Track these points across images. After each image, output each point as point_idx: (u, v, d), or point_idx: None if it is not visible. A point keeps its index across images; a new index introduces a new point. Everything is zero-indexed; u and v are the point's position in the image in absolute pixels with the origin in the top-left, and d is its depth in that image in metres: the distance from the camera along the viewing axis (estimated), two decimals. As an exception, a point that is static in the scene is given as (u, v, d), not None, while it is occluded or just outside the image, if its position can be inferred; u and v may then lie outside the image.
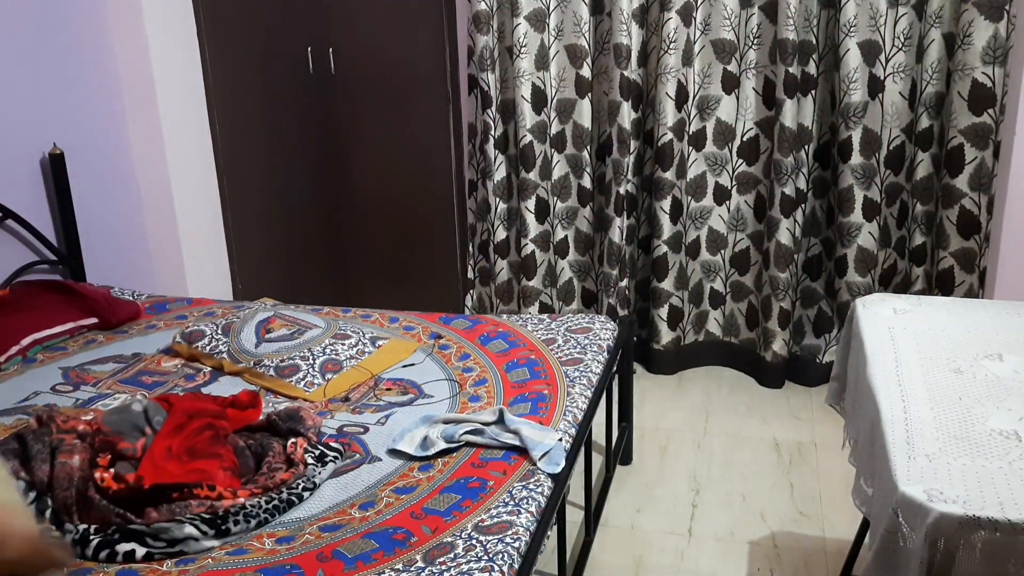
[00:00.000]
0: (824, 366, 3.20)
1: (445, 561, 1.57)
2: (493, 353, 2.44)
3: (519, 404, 2.14)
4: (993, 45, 2.75)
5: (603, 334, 2.52)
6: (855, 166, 2.99)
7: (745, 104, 3.15)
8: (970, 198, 2.90)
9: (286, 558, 1.61)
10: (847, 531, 2.36)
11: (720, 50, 3.10)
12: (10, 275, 2.83)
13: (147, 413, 1.98)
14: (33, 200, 2.91)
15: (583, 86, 3.20)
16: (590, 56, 3.16)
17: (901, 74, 2.90)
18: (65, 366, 2.47)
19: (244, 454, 1.90)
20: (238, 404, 2.09)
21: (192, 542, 1.64)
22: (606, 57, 3.16)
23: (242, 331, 2.46)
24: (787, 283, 3.16)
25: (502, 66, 3.27)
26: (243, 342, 2.42)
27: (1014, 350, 1.75)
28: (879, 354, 1.75)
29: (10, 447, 1.85)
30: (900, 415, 1.51)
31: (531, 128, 3.26)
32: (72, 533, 1.66)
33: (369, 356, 2.41)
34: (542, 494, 1.78)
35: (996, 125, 2.82)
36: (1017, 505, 1.26)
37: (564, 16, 3.17)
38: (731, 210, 3.28)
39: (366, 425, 2.09)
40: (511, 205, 3.40)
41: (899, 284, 3.17)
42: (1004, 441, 1.43)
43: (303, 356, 2.35)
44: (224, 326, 2.50)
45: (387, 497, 1.79)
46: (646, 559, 2.36)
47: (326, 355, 2.37)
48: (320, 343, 2.41)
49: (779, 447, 2.88)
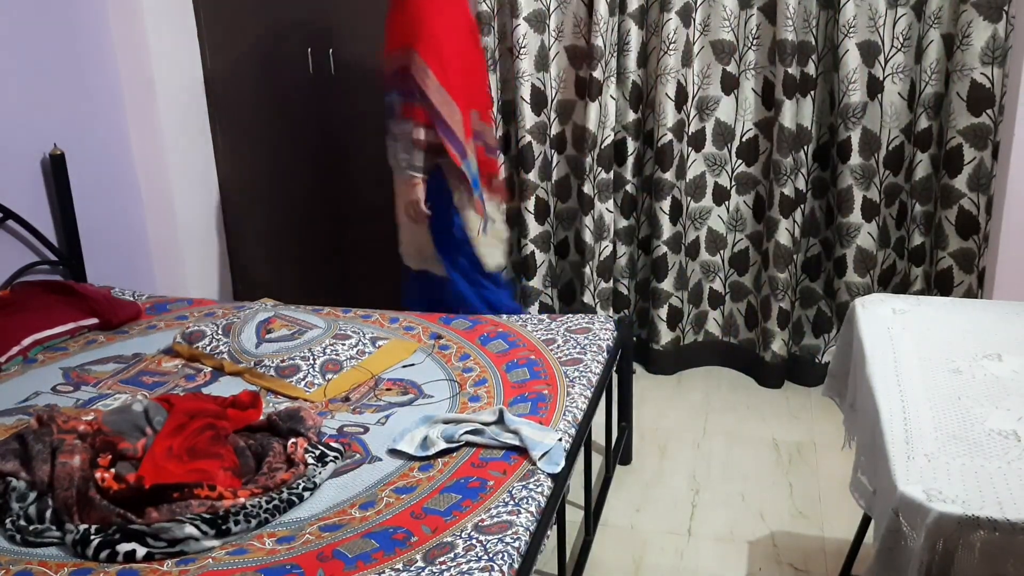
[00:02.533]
0: (823, 366, 3.20)
1: (445, 561, 1.57)
2: (493, 353, 2.45)
3: (519, 404, 2.15)
4: (992, 46, 2.75)
5: (603, 334, 2.52)
6: (854, 166, 2.99)
7: (744, 105, 3.15)
8: (969, 198, 2.90)
9: (286, 558, 1.62)
10: (846, 531, 2.36)
11: (719, 51, 3.10)
12: (11, 275, 2.83)
13: (148, 413, 1.98)
14: (33, 200, 2.91)
15: (583, 87, 3.21)
16: (590, 56, 3.16)
17: (900, 75, 2.91)
18: (66, 366, 2.48)
19: (244, 454, 1.91)
20: (238, 404, 2.09)
21: (192, 542, 1.64)
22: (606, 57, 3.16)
23: (242, 331, 2.46)
24: (786, 283, 3.16)
25: (502, 67, 3.27)
26: (243, 342, 2.42)
27: (1013, 350, 1.76)
28: (878, 354, 1.75)
29: (11, 447, 1.85)
30: (899, 415, 1.51)
31: (531, 129, 3.26)
32: (73, 533, 1.66)
33: (369, 356, 2.42)
34: (542, 494, 1.78)
35: (995, 126, 2.82)
36: (1016, 505, 1.26)
37: (564, 17, 3.18)
38: (730, 210, 3.28)
39: (366, 425, 2.09)
40: (510, 206, 3.41)
41: (898, 284, 3.17)
42: (1003, 441, 1.43)
43: (303, 356, 2.36)
44: (224, 326, 2.50)
45: (387, 497, 1.79)
46: (646, 559, 2.36)
47: (326, 355, 2.37)
48: (320, 343, 2.41)
49: (778, 447, 2.89)
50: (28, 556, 1.66)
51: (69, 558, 1.64)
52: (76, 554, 1.64)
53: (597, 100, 3.11)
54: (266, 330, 2.46)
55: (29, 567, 1.62)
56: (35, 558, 1.65)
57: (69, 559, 1.64)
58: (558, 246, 3.45)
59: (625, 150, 3.25)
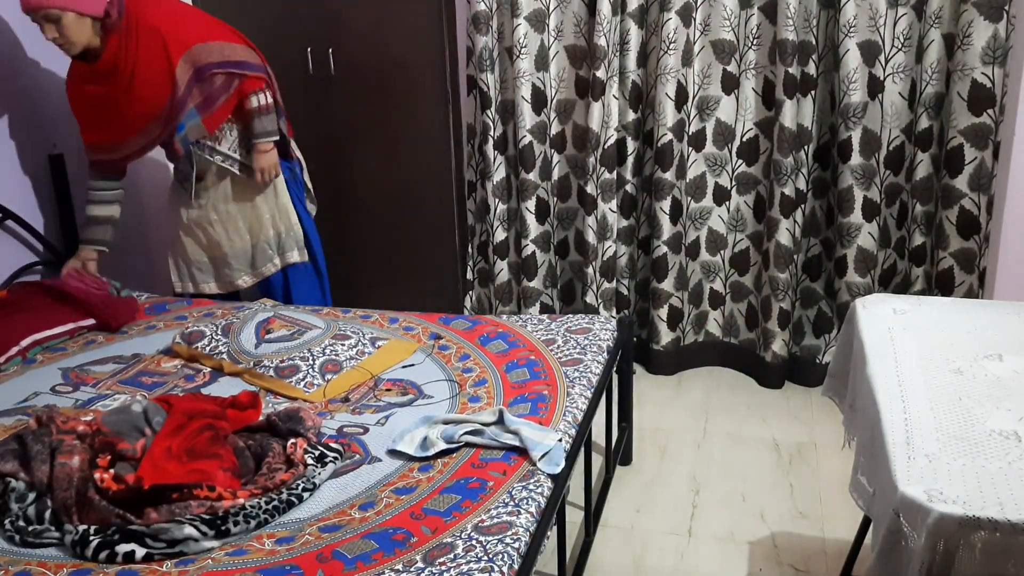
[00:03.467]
0: (824, 366, 3.20)
1: (445, 562, 1.57)
2: (493, 354, 2.44)
3: (519, 404, 2.14)
4: (992, 45, 2.75)
5: (603, 334, 2.52)
6: (855, 166, 2.99)
7: (745, 105, 3.15)
8: (970, 198, 2.90)
9: (286, 558, 1.61)
10: (847, 531, 2.36)
11: (720, 50, 3.10)
12: (10, 275, 2.83)
13: (147, 414, 1.98)
14: (33, 200, 2.91)
15: (583, 87, 3.21)
16: (593, 56, 3.16)
17: (901, 74, 2.90)
18: (65, 367, 2.47)
19: (244, 455, 1.90)
20: (238, 405, 2.09)
21: (192, 543, 1.64)
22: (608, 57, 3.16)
23: (242, 332, 2.46)
24: (787, 283, 3.16)
25: (502, 67, 3.27)
26: (243, 343, 2.42)
27: (1014, 350, 1.75)
28: (879, 355, 1.75)
29: (10, 448, 1.85)
30: (900, 416, 1.51)
31: (531, 129, 3.26)
32: (72, 534, 1.66)
33: (369, 357, 2.41)
34: (542, 494, 1.78)
35: (996, 125, 2.82)
36: (1017, 505, 1.26)
37: (564, 16, 3.17)
38: (731, 210, 3.28)
39: (366, 426, 2.09)
40: (510, 206, 3.41)
41: (899, 284, 3.17)
42: (1004, 441, 1.43)
43: (303, 357, 2.35)
44: (224, 327, 2.50)
45: (387, 498, 1.79)
46: (646, 559, 2.36)
47: (326, 356, 2.37)
48: (320, 343, 2.41)
49: (779, 447, 2.88)
50: (27, 557, 1.66)
51: (68, 559, 1.64)
52: (75, 555, 1.64)
53: (600, 100, 3.11)
54: (265, 330, 2.46)
55: (28, 568, 1.62)
56: (34, 559, 1.65)
57: (68, 560, 1.64)
58: (558, 246, 3.45)
59: (625, 150, 3.25)
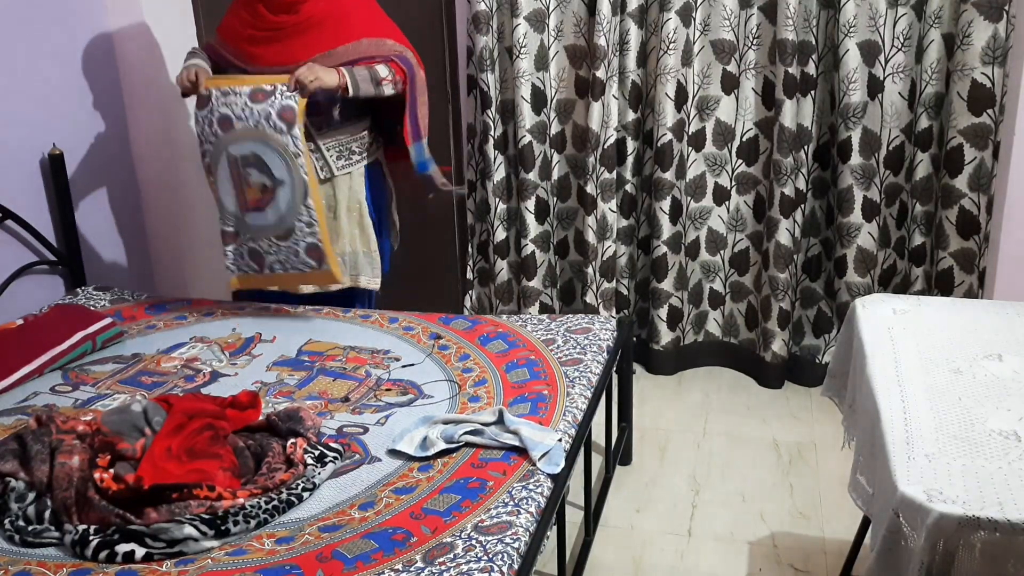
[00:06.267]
0: (823, 366, 3.20)
1: (445, 561, 1.57)
2: (493, 353, 2.44)
3: (519, 404, 2.14)
4: (992, 45, 2.75)
5: (603, 334, 2.52)
6: (854, 166, 2.99)
7: (744, 104, 3.15)
8: (969, 198, 2.90)
9: (286, 558, 1.62)
10: (847, 531, 2.36)
11: (719, 50, 3.10)
12: (10, 275, 2.82)
13: (146, 413, 1.98)
14: (33, 200, 2.91)
15: (583, 86, 3.20)
16: (593, 56, 3.16)
17: (900, 74, 2.90)
18: (64, 367, 2.47)
19: (244, 454, 1.90)
20: (237, 404, 2.09)
21: (191, 542, 1.64)
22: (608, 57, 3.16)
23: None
24: (786, 283, 3.16)
25: (501, 66, 3.27)
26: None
27: (1014, 350, 1.75)
28: (879, 355, 1.75)
29: (9, 447, 1.85)
30: (900, 415, 1.51)
31: (530, 128, 3.26)
32: (71, 533, 1.66)
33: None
34: (542, 494, 1.78)
35: (995, 125, 2.82)
36: (1017, 505, 1.26)
37: (564, 16, 3.17)
38: (730, 210, 3.28)
39: (366, 425, 2.09)
40: (510, 206, 3.40)
41: (899, 284, 3.17)
42: (1004, 441, 1.43)
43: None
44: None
45: (387, 497, 1.79)
46: (646, 559, 2.36)
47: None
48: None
49: (779, 447, 2.88)
50: (27, 556, 1.66)
51: (68, 559, 1.64)
52: (75, 555, 1.64)
53: (600, 100, 3.11)
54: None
55: (28, 567, 1.62)
56: (34, 558, 1.65)
57: (68, 559, 1.64)
58: (558, 246, 3.45)
59: (625, 150, 3.25)
